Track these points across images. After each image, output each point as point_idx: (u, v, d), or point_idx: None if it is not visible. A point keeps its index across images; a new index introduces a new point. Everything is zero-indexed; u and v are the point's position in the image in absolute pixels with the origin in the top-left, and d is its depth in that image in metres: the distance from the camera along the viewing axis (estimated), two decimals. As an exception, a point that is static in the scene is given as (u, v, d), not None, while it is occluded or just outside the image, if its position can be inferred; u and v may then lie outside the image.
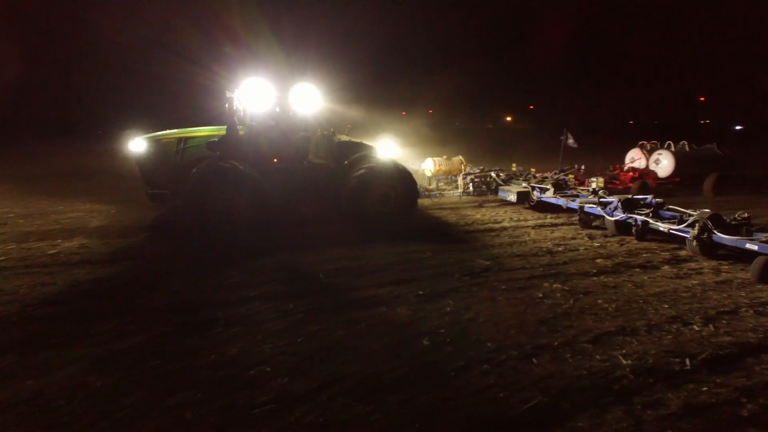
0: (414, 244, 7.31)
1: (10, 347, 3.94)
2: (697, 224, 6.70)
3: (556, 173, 11.34)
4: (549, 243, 7.48)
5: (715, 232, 6.51)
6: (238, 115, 8.18)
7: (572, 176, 11.45)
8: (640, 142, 14.13)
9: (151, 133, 8.42)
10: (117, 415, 3.10)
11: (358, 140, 8.91)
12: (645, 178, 12.62)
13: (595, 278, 5.88)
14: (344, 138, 8.91)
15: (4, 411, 3.13)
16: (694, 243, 6.70)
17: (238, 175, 7.17)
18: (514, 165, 12.54)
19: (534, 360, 3.83)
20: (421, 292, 5.23)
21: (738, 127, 52.49)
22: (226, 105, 8.42)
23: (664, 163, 13.18)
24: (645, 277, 5.93)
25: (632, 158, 13.89)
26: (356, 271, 5.96)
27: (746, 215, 6.78)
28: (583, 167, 12.26)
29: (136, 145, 8.11)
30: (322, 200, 8.56)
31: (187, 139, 8.08)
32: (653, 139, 14.27)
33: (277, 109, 8.21)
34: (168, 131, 8.43)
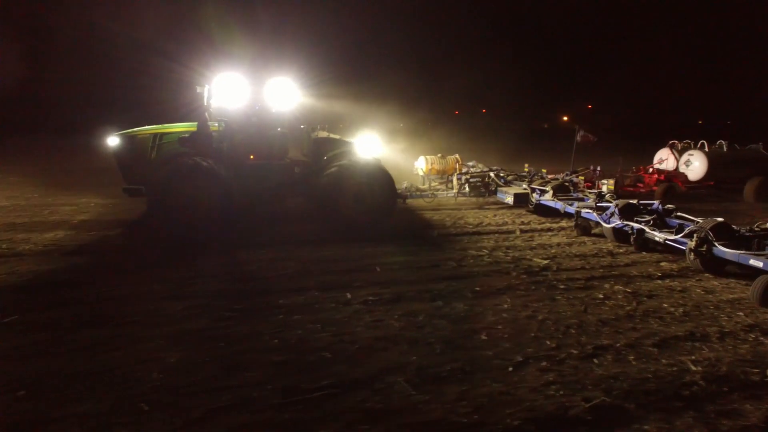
0: (467, 242, 7.27)
1: (102, 323, 4.29)
2: (695, 235, 5.80)
3: (567, 174, 10.73)
4: (610, 244, 7.21)
5: (715, 244, 5.63)
6: (210, 111, 7.97)
7: (582, 178, 10.76)
8: (671, 142, 12.90)
9: (126, 129, 8.36)
10: (187, 389, 3.30)
11: (337, 136, 8.74)
12: (672, 180, 11.58)
13: (659, 281, 5.62)
14: (323, 134, 8.76)
15: (93, 377, 3.42)
16: (692, 256, 5.85)
17: (205, 172, 7.08)
18: (526, 165, 11.92)
19: (595, 360, 3.73)
20: (477, 289, 5.20)
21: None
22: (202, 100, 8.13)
23: (695, 165, 11.84)
24: (716, 283, 5.60)
25: (660, 159, 12.70)
26: (412, 266, 6.01)
27: (767, 226, 5.90)
28: (599, 168, 11.46)
29: (113, 141, 8.12)
30: (301, 197, 8.40)
31: (162, 135, 7.94)
32: (723, 139, 12.72)
33: (258, 107, 7.94)
34: (143, 127, 8.29)
